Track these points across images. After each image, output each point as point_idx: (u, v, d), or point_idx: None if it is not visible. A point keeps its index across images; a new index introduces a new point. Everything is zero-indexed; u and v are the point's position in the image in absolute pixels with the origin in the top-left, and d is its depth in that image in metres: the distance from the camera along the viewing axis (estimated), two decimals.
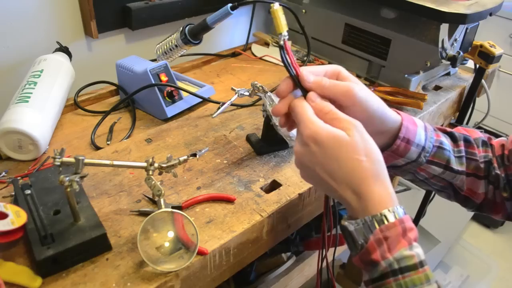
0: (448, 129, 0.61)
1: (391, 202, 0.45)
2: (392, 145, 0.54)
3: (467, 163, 0.59)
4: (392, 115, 0.54)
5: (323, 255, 0.69)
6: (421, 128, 0.56)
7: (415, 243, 0.44)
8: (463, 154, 0.59)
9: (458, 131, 0.61)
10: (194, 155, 0.61)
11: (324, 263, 0.72)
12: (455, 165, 0.58)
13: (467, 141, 0.60)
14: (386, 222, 0.44)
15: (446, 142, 0.58)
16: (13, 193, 0.62)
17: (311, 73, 0.50)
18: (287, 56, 0.51)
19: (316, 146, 0.46)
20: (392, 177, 1.26)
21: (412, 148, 0.55)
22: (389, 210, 0.44)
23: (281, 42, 0.51)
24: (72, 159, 0.52)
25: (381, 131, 0.53)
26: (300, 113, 0.48)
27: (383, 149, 0.55)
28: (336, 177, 0.46)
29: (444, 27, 0.91)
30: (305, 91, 0.50)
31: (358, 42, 1.05)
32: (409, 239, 0.44)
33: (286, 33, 0.51)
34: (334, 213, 1.19)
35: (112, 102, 0.92)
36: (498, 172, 0.58)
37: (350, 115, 0.48)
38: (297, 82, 0.50)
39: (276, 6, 0.50)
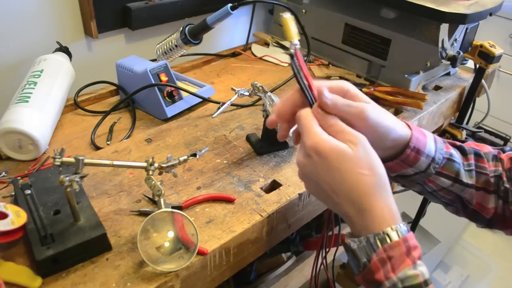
0: (458, 143, 0.60)
1: (393, 219, 0.45)
2: (401, 154, 0.54)
3: (477, 177, 0.58)
4: (402, 130, 0.53)
5: (323, 255, 0.69)
6: (430, 139, 0.55)
7: (419, 261, 0.44)
8: (473, 167, 0.58)
9: (468, 145, 0.60)
10: (194, 155, 0.61)
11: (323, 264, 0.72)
12: (464, 178, 0.57)
13: (477, 155, 0.59)
14: (389, 241, 0.43)
15: (456, 155, 0.57)
16: (13, 193, 0.62)
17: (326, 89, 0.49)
18: (298, 66, 0.49)
19: (319, 158, 0.45)
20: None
21: (422, 158, 0.54)
22: (392, 229, 0.44)
23: (292, 51, 0.49)
24: (72, 159, 0.52)
25: (391, 146, 0.53)
26: (304, 124, 0.48)
27: (392, 158, 0.54)
28: (338, 191, 0.46)
29: (444, 27, 0.91)
30: (312, 104, 0.49)
31: (358, 42, 1.05)
32: (413, 258, 0.43)
33: (297, 42, 0.50)
34: (335, 214, 1.19)
35: (112, 102, 0.92)
36: (507, 186, 0.57)
37: (363, 132, 0.47)
38: (307, 94, 0.49)
39: (287, 16, 0.49)
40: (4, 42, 0.89)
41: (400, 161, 0.54)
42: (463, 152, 0.59)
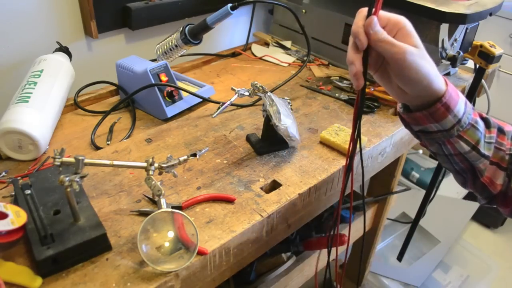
0: (484, 115, 0.61)
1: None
2: (431, 106, 0.54)
3: (494, 152, 0.59)
4: (438, 84, 0.53)
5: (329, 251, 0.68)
6: (462, 101, 0.56)
7: None
8: (493, 141, 0.59)
9: (493, 120, 0.62)
10: (194, 155, 0.61)
11: (324, 264, 0.72)
12: (482, 148, 0.58)
13: (500, 131, 0.60)
14: None
15: (481, 124, 0.58)
16: (13, 193, 0.62)
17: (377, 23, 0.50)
18: None
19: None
20: (392, 177, 1.26)
21: (449, 116, 0.54)
22: None
23: None
24: (72, 159, 0.52)
25: (422, 95, 0.54)
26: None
27: (420, 109, 0.55)
28: None
29: (444, 27, 0.91)
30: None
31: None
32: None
33: None
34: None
35: (112, 102, 0.92)
36: None
37: (393, 73, 0.49)
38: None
39: None
40: (4, 42, 0.89)
41: (428, 114, 0.55)
42: (488, 124, 0.60)
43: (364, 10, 0.51)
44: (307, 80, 1.05)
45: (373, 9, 0.49)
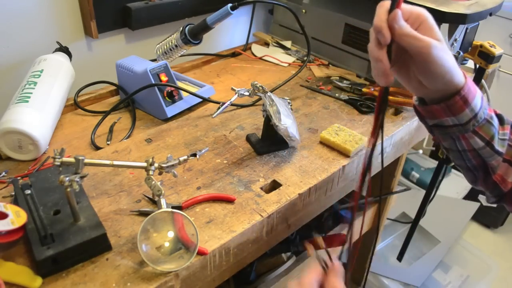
0: (498, 111, 0.61)
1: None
2: (450, 99, 0.54)
3: (508, 149, 0.59)
4: (458, 77, 0.53)
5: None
6: (479, 96, 0.56)
7: None
8: (507, 138, 0.59)
9: (506, 117, 0.62)
10: (194, 155, 0.61)
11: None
12: (496, 144, 0.58)
13: None
14: None
15: (496, 120, 0.58)
16: (13, 193, 0.62)
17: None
18: None
19: None
20: (392, 177, 1.26)
21: (467, 110, 0.54)
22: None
23: None
24: (72, 159, 0.52)
25: (442, 89, 0.53)
26: None
27: (438, 101, 0.55)
28: None
29: (444, 27, 0.91)
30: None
31: (358, 42, 1.05)
32: None
33: None
34: (335, 213, 1.19)
35: (112, 102, 0.92)
36: None
37: (417, 67, 0.49)
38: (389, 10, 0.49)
39: None
40: (4, 42, 0.89)
41: (446, 106, 0.54)
42: (502, 121, 0.60)
43: (385, 4, 0.49)
44: (307, 80, 1.05)
45: (396, 2, 0.48)
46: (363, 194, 0.71)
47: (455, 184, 2.01)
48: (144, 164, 0.57)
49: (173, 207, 0.58)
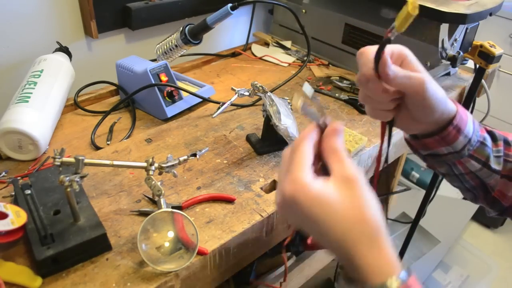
0: (488, 128, 0.60)
1: (392, 269, 0.40)
2: (443, 130, 0.53)
3: (504, 164, 0.58)
4: (450, 106, 0.53)
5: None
6: (470, 120, 0.55)
7: None
8: (502, 154, 0.58)
9: (498, 132, 0.61)
10: (194, 155, 0.61)
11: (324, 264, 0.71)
12: (493, 164, 0.57)
13: (506, 143, 0.59)
14: None
15: (488, 139, 0.58)
16: (13, 193, 0.62)
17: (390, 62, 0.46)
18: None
19: (299, 208, 0.41)
20: (392, 177, 1.26)
21: (460, 138, 0.54)
22: (390, 282, 0.39)
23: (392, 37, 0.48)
24: (72, 159, 0.52)
25: (437, 121, 0.53)
26: (293, 161, 0.43)
27: (433, 134, 0.54)
28: (325, 240, 0.41)
29: (444, 27, 0.91)
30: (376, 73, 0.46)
31: (358, 42, 1.05)
32: None
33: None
34: None
35: (112, 102, 0.92)
36: None
37: (415, 106, 0.47)
38: (375, 65, 0.46)
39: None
40: (4, 42, 0.89)
41: (440, 138, 0.54)
42: (494, 138, 0.59)
43: (367, 51, 0.47)
44: (307, 80, 1.05)
45: (384, 47, 0.46)
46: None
47: None
48: (144, 164, 0.57)
49: (173, 207, 0.58)
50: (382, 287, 0.39)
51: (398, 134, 0.86)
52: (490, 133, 0.60)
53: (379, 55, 0.46)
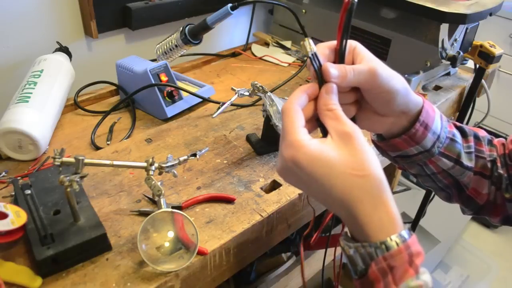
0: (458, 124, 0.59)
1: (394, 226, 0.40)
2: (410, 129, 0.52)
3: (476, 160, 0.57)
4: (415, 96, 0.51)
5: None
6: (438, 116, 0.54)
7: (422, 269, 0.40)
8: (473, 150, 0.57)
9: (468, 128, 0.60)
10: (194, 155, 0.61)
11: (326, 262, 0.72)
12: (465, 160, 0.56)
13: (476, 138, 0.58)
14: (390, 249, 0.39)
15: (458, 135, 0.56)
16: (13, 193, 0.62)
17: (332, 66, 0.44)
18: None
19: (300, 170, 0.40)
20: (392, 177, 1.26)
21: (429, 135, 0.52)
22: (391, 239, 0.39)
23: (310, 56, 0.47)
24: (72, 159, 0.52)
25: (403, 111, 0.50)
26: (285, 123, 0.42)
27: (400, 133, 0.53)
28: (329, 197, 0.41)
29: (444, 27, 0.91)
30: (322, 83, 0.45)
31: (358, 42, 1.05)
32: (416, 267, 0.39)
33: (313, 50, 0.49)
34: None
35: (112, 102, 0.92)
36: (501, 171, 0.57)
37: (374, 96, 0.45)
38: (319, 76, 0.45)
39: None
40: (4, 42, 0.89)
41: (408, 137, 0.52)
42: (463, 133, 0.58)
43: (309, 66, 0.46)
44: (307, 80, 1.05)
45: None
46: None
47: None
48: (144, 164, 0.57)
49: (173, 207, 0.58)
50: (384, 244, 0.39)
51: None
52: (460, 128, 0.58)
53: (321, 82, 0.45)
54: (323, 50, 0.48)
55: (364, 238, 0.41)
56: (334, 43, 0.48)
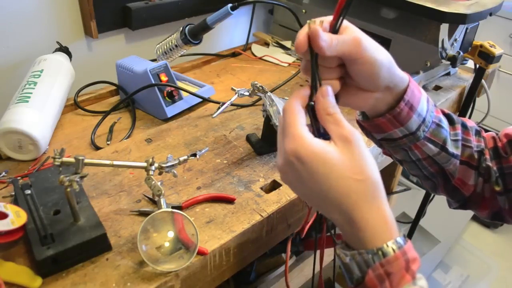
0: (446, 111, 0.58)
1: (389, 232, 0.40)
2: (395, 107, 0.50)
3: (462, 149, 0.56)
4: (400, 72, 0.50)
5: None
6: (424, 98, 0.52)
7: (418, 275, 0.40)
8: (459, 138, 0.56)
9: (456, 116, 0.59)
10: (194, 155, 0.61)
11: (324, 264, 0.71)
12: (450, 147, 0.55)
13: (464, 126, 0.57)
14: (386, 256, 0.39)
15: (445, 121, 0.55)
16: (13, 193, 0.62)
17: (321, 30, 0.44)
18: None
19: (301, 165, 0.40)
20: (392, 177, 1.26)
21: (414, 116, 0.51)
22: (387, 245, 0.39)
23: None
24: (72, 159, 0.52)
25: (388, 86, 0.49)
26: (287, 121, 0.42)
27: (385, 112, 0.51)
28: (326, 198, 0.41)
29: (444, 27, 0.91)
30: (315, 65, 0.45)
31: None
32: (413, 273, 0.39)
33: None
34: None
35: (112, 102, 0.92)
36: (490, 164, 0.56)
37: (358, 68, 0.45)
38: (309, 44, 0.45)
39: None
40: (4, 42, 0.89)
41: (392, 117, 0.51)
42: (451, 121, 0.57)
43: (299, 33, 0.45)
44: (307, 80, 1.04)
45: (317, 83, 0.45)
46: None
47: None
48: (144, 164, 0.57)
49: (173, 207, 0.58)
50: (380, 250, 0.39)
51: None
52: (448, 116, 0.57)
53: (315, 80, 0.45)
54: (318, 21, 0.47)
55: (359, 243, 0.41)
56: (331, 17, 0.47)
